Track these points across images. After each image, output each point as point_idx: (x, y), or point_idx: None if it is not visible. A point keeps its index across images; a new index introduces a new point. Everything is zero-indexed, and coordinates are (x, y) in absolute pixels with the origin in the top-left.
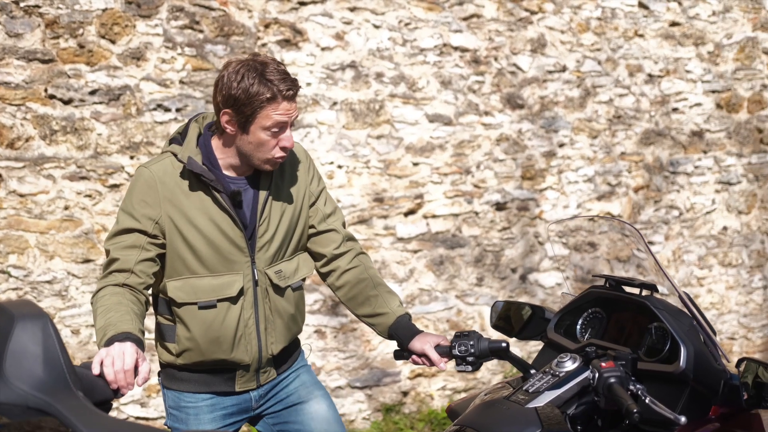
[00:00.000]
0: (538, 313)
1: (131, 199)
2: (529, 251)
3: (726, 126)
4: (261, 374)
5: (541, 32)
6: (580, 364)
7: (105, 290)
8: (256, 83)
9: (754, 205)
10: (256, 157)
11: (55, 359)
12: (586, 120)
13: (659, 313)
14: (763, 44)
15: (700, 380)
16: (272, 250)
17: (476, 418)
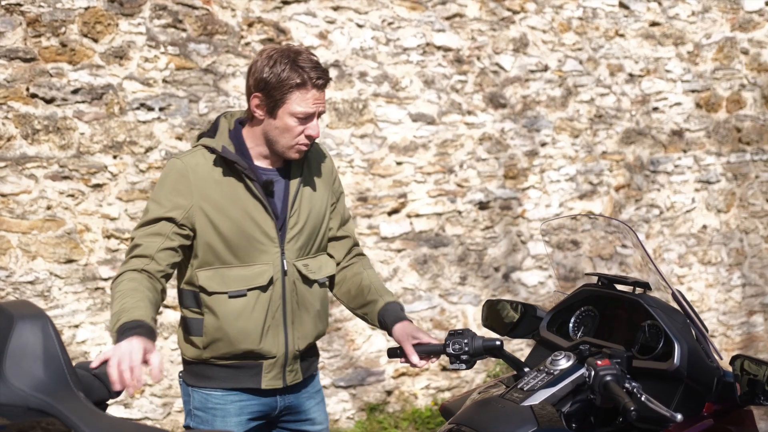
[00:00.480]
0: (530, 312)
1: (163, 188)
2: (511, 250)
3: (705, 125)
4: (288, 372)
5: (523, 32)
6: (574, 362)
7: (124, 275)
8: (287, 69)
9: (733, 204)
10: (281, 143)
11: (55, 360)
12: (567, 119)
13: (653, 311)
14: (741, 44)
15: (693, 377)
16: (300, 242)
17: (471, 417)
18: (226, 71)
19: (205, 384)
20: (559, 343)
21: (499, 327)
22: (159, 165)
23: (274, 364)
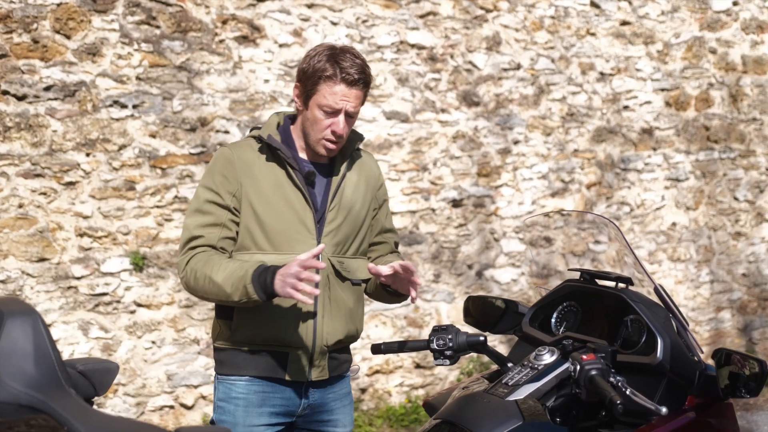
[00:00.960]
0: (512, 308)
1: (212, 174)
2: (485, 248)
3: (675, 123)
4: (314, 367)
5: (496, 30)
6: (558, 357)
7: (196, 256)
8: (324, 61)
9: (702, 201)
10: (311, 135)
11: (46, 356)
12: (540, 117)
13: (636, 306)
14: (709, 44)
15: (676, 371)
16: (338, 239)
17: (457, 412)
18: (200, 68)
19: (231, 371)
20: (542, 338)
21: (481, 323)
22: (132, 163)
23: (300, 356)
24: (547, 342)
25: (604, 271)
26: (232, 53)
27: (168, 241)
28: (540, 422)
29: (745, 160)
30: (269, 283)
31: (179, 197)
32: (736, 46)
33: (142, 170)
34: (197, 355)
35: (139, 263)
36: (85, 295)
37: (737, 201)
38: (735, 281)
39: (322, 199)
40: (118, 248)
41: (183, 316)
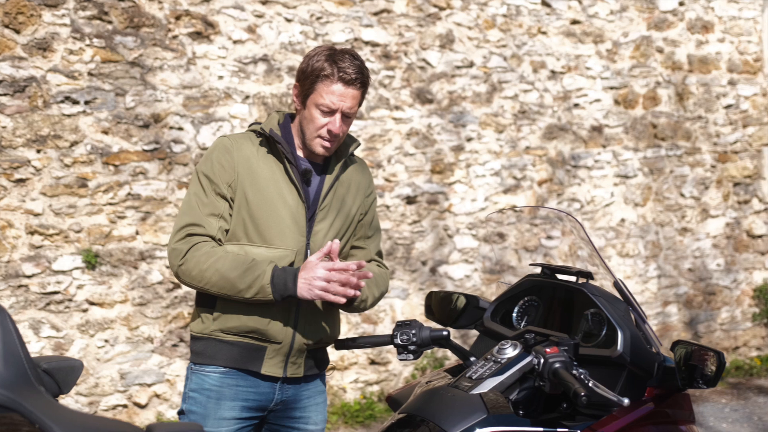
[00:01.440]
0: (472, 303)
1: (210, 162)
2: (438, 244)
3: (623, 121)
4: (290, 364)
5: (449, 28)
6: (520, 351)
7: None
8: (322, 60)
9: (649, 198)
10: (307, 134)
11: (15, 355)
12: (492, 115)
13: (596, 300)
14: (656, 43)
15: (636, 363)
16: (327, 237)
17: (422, 405)
18: (153, 64)
19: (206, 361)
20: (503, 332)
21: (442, 318)
22: (84, 159)
23: (278, 351)
24: (509, 336)
25: (565, 265)
26: (185, 49)
27: (121, 239)
28: (504, 414)
29: (691, 158)
30: (290, 286)
31: (132, 194)
32: (682, 46)
33: (95, 167)
34: (151, 353)
35: (91, 261)
36: (36, 294)
37: (683, 197)
38: (681, 276)
39: (314, 197)
40: (70, 246)
41: (136, 314)
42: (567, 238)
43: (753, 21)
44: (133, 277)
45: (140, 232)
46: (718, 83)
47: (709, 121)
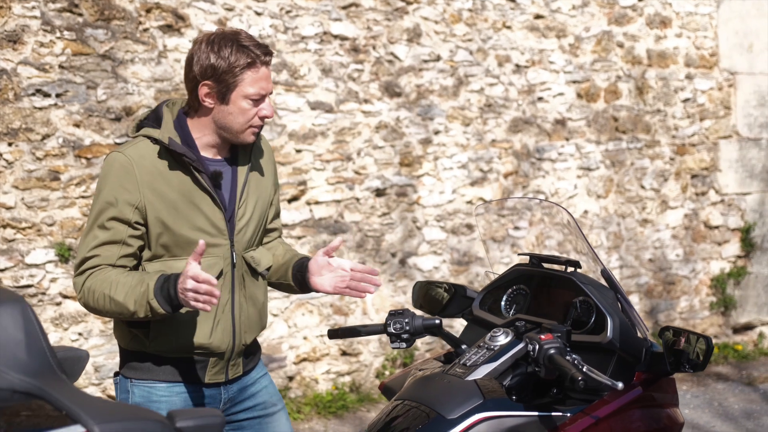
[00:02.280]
0: (460, 292)
1: (107, 186)
2: (407, 236)
3: (586, 115)
4: (230, 367)
5: (416, 22)
6: (512, 338)
7: (94, 275)
8: (233, 51)
9: (611, 190)
10: (235, 128)
11: (37, 343)
12: (459, 108)
13: (586, 288)
14: (617, 38)
15: (625, 349)
16: (248, 234)
17: (418, 392)
18: (124, 57)
19: (150, 377)
20: (493, 320)
21: (430, 307)
22: (56, 153)
23: (219, 360)
24: (499, 324)
25: (553, 255)
26: (156, 42)
27: None
28: (499, 400)
29: (651, 150)
30: (173, 295)
31: None
32: (642, 41)
33: (67, 160)
34: None
35: (64, 254)
36: (9, 288)
37: (644, 189)
38: (642, 266)
39: (230, 196)
40: (42, 239)
41: None
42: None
43: (708, 17)
44: None
45: None
46: (676, 77)
47: (668, 114)
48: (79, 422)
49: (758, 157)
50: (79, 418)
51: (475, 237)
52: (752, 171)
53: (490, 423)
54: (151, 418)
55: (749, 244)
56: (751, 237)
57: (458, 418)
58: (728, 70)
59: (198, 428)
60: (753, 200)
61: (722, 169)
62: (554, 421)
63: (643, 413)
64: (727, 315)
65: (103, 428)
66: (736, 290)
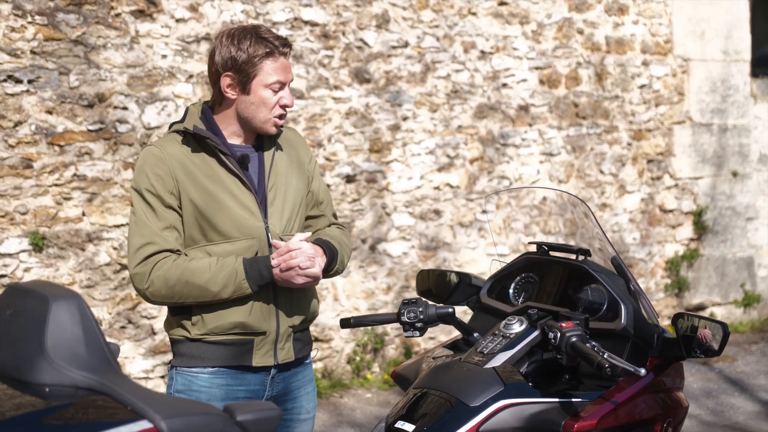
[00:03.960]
0: (465, 280)
1: (144, 177)
2: (377, 222)
3: (548, 101)
4: (279, 350)
5: (385, 8)
6: (527, 326)
7: (161, 264)
8: (253, 42)
9: (572, 175)
10: (258, 118)
11: (96, 339)
12: (426, 94)
13: (598, 276)
14: (577, 24)
15: (638, 335)
16: (284, 217)
17: (438, 381)
18: (96, 43)
19: (194, 363)
20: (502, 308)
21: (434, 295)
22: (29, 140)
23: (265, 341)
24: (509, 312)
25: (563, 243)
26: (128, 27)
27: (68, 221)
28: (520, 386)
29: (609, 136)
30: (266, 274)
31: (78, 175)
32: (601, 27)
33: (39, 147)
34: None
35: (38, 243)
36: None
37: (603, 174)
38: None
39: (259, 180)
40: (16, 228)
41: (84, 296)
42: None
43: (663, 4)
44: (81, 259)
45: (87, 214)
46: (633, 64)
47: (625, 100)
48: (145, 417)
49: (710, 142)
50: (145, 414)
51: (443, 222)
52: (704, 156)
53: (513, 410)
54: (212, 413)
55: (701, 227)
56: (703, 220)
57: (481, 406)
58: (682, 57)
59: (257, 421)
60: (705, 184)
61: (676, 154)
62: (575, 406)
63: (655, 398)
64: (681, 296)
65: (169, 423)
66: (689, 272)
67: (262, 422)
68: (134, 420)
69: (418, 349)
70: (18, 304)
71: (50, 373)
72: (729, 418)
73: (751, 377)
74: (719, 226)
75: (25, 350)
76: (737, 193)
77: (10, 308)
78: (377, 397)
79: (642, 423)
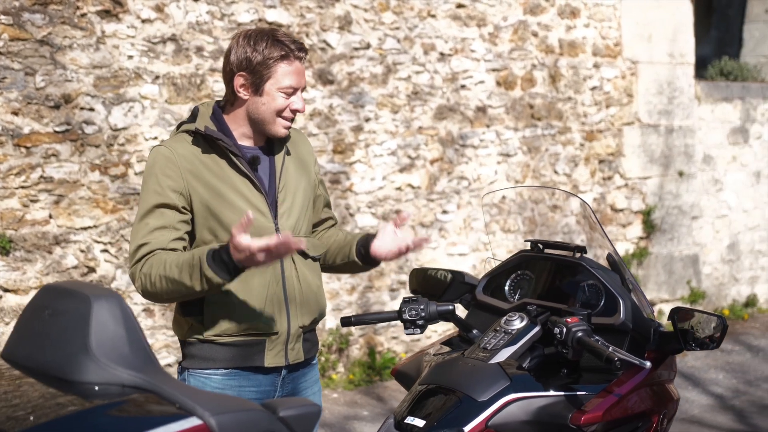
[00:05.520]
0: (458, 278)
1: (152, 176)
2: (341, 222)
3: (504, 102)
4: (289, 351)
5: (347, 10)
6: (527, 322)
7: (148, 262)
8: (269, 44)
9: (528, 175)
10: (268, 120)
11: (138, 338)
12: (388, 96)
13: (596, 272)
14: (531, 27)
15: (636, 329)
16: (293, 218)
17: (444, 376)
18: (62, 43)
19: (206, 365)
20: (499, 305)
21: (427, 293)
22: None
23: (276, 341)
24: (506, 308)
25: (558, 241)
26: (94, 28)
27: (35, 223)
28: (525, 381)
29: (563, 136)
30: (228, 260)
31: (45, 177)
32: (554, 30)
33: (6, 149)
34: None
35: (5, 246)
36: None
37: (557, 174)
38: None
39: (269, 182)
40: None
41: None
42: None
43: (613, 7)
44: (48, 261)
45: (54, 216)
46: (585, 66)
47: (578, 101)
48: (194, 414)
49: (657, 143)
50: (194, 410)
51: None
52: (652, 156)
53: (520, 404)
54: (255, 409)
55: (650, 225)
56: (651, 219)
57: (489, 400)
58: (630, 59)
59: (299, 417)
60: (653, 183)
61: (626, 154)
62: (580, 399)
63: (652, 390)
64: None
65: (218, 419)
66: (639, 270)
67: (303, 418)
68: (184, 417)
69: (381, 349)
70: (57, 304)
71: (97, 372)
72: (685, 412)
73: (702, 371)
74: (666, 224)
75: (69, 350)
76: (683, 193)
77: (48, 308)
78: (343, 397)
79: (641, 415)
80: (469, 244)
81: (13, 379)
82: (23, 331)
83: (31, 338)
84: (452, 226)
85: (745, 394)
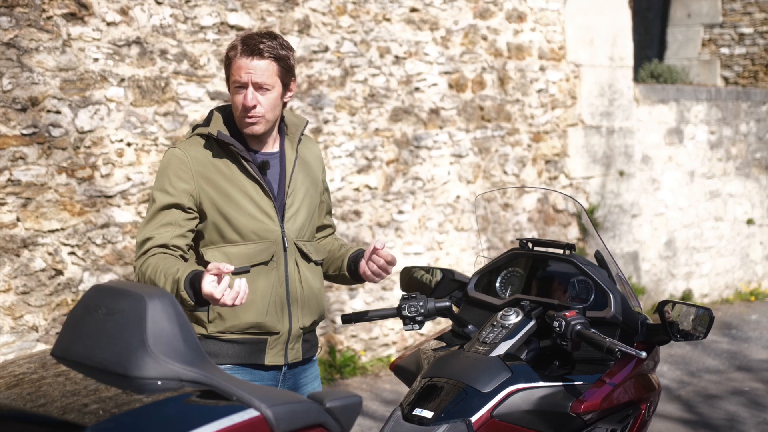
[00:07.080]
0: (448, 276)
1: (166, 176)
2: None
3: (456, 104)
4: (289, 350)
5: (306, 14)
6: (523, 317)
7: (147, 261)
8: (232, 44)
9: (479, 176)
10: (236, 118)
11: (190, 334)
12: (346, 98)
13: (586, 269)
14: (481, 31)
15: (626, 322)
16: (299, 223)
17: (447, 369)
18: (29, 46)
19: None
20: (491, 301)
21: (418, 291)
22: None
23: (277, 341)
24: (499, 304)
25: (548, 239)
26: (60, 30)
27: (2, 226)
28: (526, 373)
29: (512, 138)
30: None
31: (12, 180)
32: (502, 34)
33: None
34: (36, 342)
35: None
36: None
37: (506, 175)
38: (506, 248)
39: (279, 186)
40: None
41: (20, 303)
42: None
43: (557, 12)
44: (16, 265)
45: (21, 219)
46: (532, 69)
47: (525, 104)
48: (251, 406)
49: (599, 144)
50: (251, 403)
51: (362, 223)
52: (595, 156)
53: (522, 394)
54: (306, 401)
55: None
56: (594, 217)
57: (493, 391)
58: (574, 63)
59: (345, 408)
60: (596, 183)
61: (570, 154)
62: (578, 389)
63: (640, 380)
64: None
65: (274, 411)
66: None
67: (347, 408)
68: (243, 408)
69: (341, 347)
70: (111, 304)
71: (155, 368)
72: None
73: None
74: (608, 222)
75: (126, 347)
76: (624, 192)
77: (102, 307)
78: None
79: (631, 403)
80: (424, 244)
81: (70, 376)
82: (76, 329)
83: (85, 337)
84: (408, 226)
85: (689, 384)
